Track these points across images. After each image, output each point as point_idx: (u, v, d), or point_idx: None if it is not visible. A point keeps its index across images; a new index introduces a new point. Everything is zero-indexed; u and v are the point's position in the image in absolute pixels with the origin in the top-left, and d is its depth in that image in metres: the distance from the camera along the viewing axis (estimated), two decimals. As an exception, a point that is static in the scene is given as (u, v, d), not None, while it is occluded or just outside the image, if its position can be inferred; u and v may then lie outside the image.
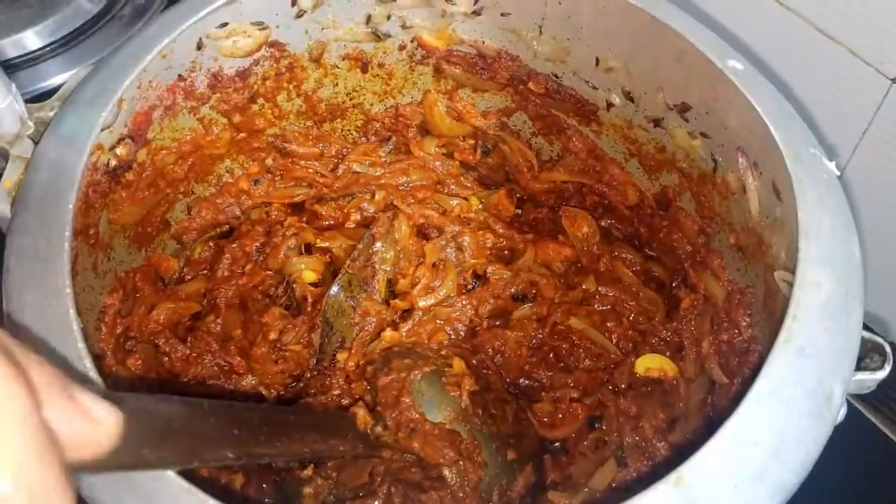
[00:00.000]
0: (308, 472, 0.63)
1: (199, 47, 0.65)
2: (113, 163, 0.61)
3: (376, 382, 0.68)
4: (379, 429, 0.65)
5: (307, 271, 0.75)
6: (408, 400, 0.67)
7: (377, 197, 0.79)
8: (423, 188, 0.81)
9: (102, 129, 0.57)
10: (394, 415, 0.66)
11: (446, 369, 0.70)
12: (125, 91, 0.59)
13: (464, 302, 0.75)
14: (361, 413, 0.64)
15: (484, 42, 0.73)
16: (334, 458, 0.64)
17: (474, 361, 0.71)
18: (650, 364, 0.67)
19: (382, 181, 0.81)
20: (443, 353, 0.72)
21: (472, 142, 0.81)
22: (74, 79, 0.61)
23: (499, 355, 0.73)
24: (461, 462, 0.64)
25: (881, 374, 0.50)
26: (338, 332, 0.73)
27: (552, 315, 0.73)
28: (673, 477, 0.41)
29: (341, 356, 0.72)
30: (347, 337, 0.73)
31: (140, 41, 0.60)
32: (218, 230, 0.78)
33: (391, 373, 0.69)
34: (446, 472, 0.64)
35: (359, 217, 0.79)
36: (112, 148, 0.60)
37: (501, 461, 0.67)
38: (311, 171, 0.81)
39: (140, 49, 0.60)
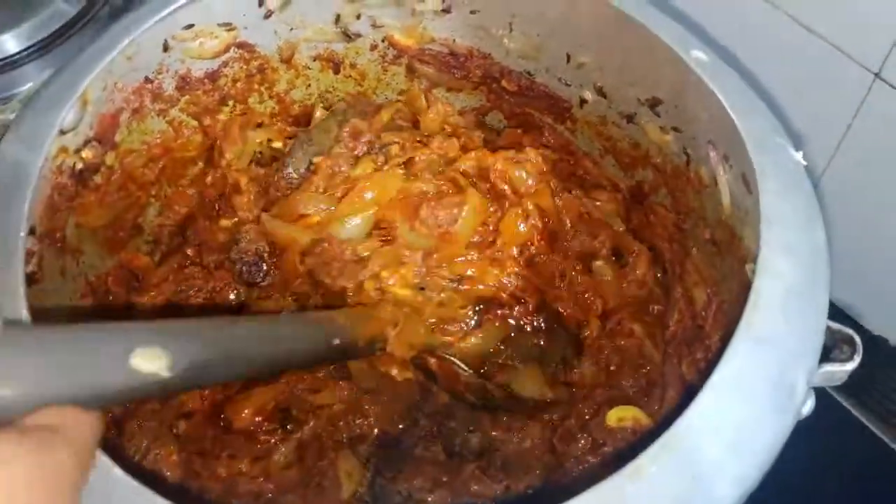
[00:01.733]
0: None
1: (166, 49, 0.65)
2: (79, 166, 0.61)
3: None
4: None
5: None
6: None
7: None
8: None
9: (65, 131, 0.57)
10: None
11: None
12: (88, 91, 0.58)
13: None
14: None
15: (455, 40, 0.73)
16: None
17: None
18: (622, 414, 0.62)
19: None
20: None
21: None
22: (40, 82, 0.61)
23: None
24: None
25: (850, 366, 0.49)
26: (316, 144, 0.73)
27: None
28: (629, 469, 0.40)
29: (317, 159, 0.71)
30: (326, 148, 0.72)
31: (102, 42, 0.60)
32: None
33: None
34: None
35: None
36: (77, 150, 0.60)
37: None
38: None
39: (101, 50, 0.59)
